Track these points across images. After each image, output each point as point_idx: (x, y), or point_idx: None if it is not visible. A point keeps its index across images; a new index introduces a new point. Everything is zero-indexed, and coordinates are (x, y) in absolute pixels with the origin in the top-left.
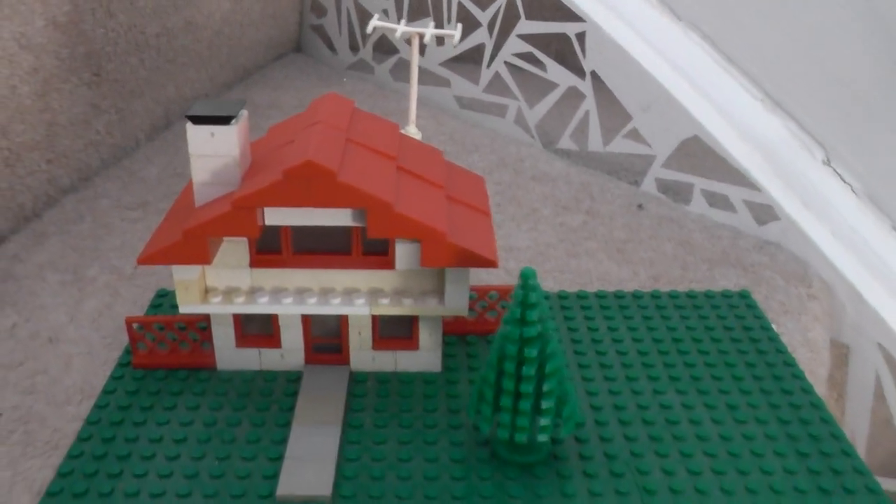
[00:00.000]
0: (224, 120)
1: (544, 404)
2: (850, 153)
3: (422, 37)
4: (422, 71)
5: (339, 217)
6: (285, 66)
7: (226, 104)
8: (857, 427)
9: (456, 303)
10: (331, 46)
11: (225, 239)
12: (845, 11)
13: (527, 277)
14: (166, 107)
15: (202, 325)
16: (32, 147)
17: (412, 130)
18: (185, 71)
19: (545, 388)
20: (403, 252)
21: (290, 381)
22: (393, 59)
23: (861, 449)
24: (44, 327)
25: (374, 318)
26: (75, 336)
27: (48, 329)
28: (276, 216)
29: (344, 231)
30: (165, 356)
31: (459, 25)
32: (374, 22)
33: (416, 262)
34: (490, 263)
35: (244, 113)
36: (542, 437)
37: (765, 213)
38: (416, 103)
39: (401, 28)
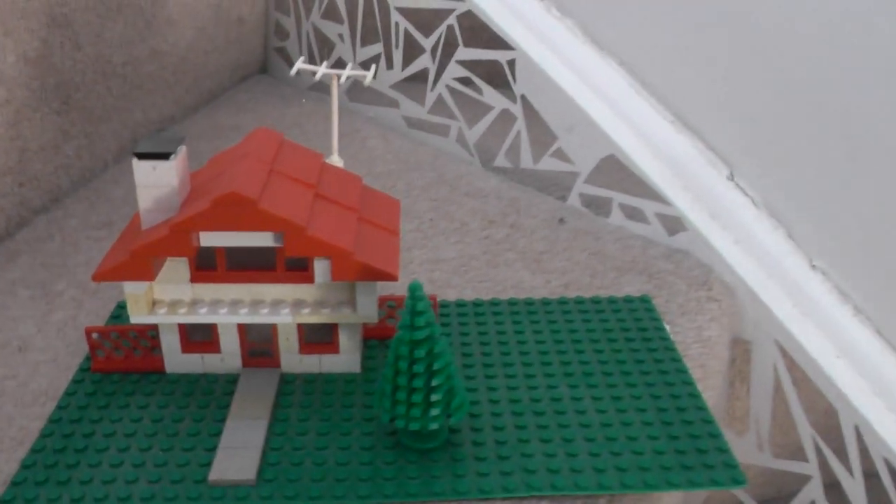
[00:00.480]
0: (164, 156)
1: (433, 397)
2: (751, 169)
3: (339, 77)
4: (375, 93)
5: (262, 239)
6: (250, 87)
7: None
8: (761, 416)
9: (366, 311)
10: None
11: (168, 258)
12: (747, 42)
13: (414, 289)
14: (133, 130)
15: (152, 333)
16: (5, 172)
17: (335, 159)
18: (152, 96)
19: (434, 382)
20: (320, 268)
21: (229, 382)
22: (349, 82)
23: (764, 435)
24: (14, 337)
25: (300, 326)
26: (43, 345)
27: (18, 339)
28: (209, 238)
29: (269, 250)
30: (121, 361)
31: (374, 67)
32: (298, 65)
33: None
34: (390, 277)
35: (182, 148)
36: (433, 426)
37: (674, 224)
38: (339, 134)
39: (321, 70)
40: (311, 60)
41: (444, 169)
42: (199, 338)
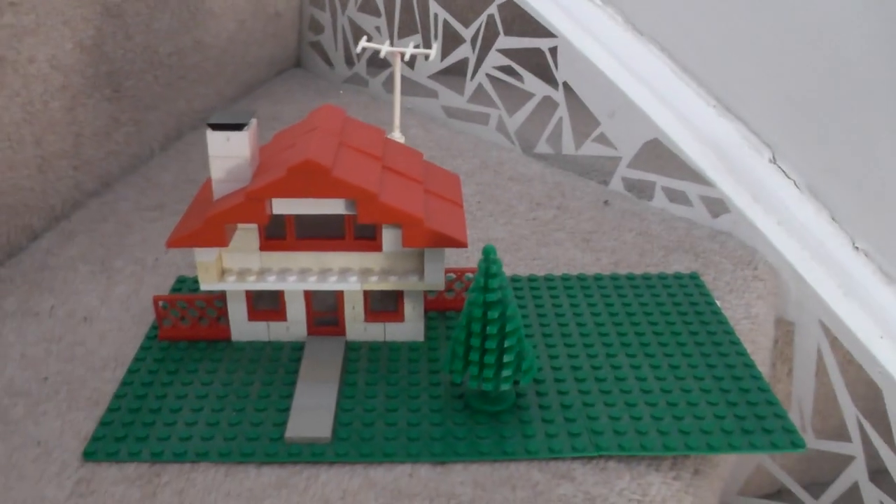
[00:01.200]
0: (238, 127)
1: (506, 358)
2: (793, 152)
3: (402, 54)
4: (412, 83)
5: (333, 206)
6: (286, 80)
7: (239, 113)
8: (803, 397)
9: (433, 279)
10: (328, 61)
11: (238, 226)
12: (788, 25)
13: (488, 253)
14: (178, 119)
15: (219, 302)
16: (61, 155)
17: (396, 135)
18: (195, 87)
19: (506, 344)
20: (389, 236)
21: (295, 350)
22: (385, 73)
23: (807, 417)
24: (79, 308)
25: (366, 294)
26: (107, 315)
27: (83, 310)
28: (281, 206)
29: (338, 219)
30: (187, 330)
31: (436, 44)
32: (363, 43)
33: (399, 245)
34: (460, 244)
35: (254, 121)
36: (506, 386)
37: (718, 206)
38: (401, 111)
39: (385, 48)
40: (347, 54)
41: (486, 155)
42: (266, 306)
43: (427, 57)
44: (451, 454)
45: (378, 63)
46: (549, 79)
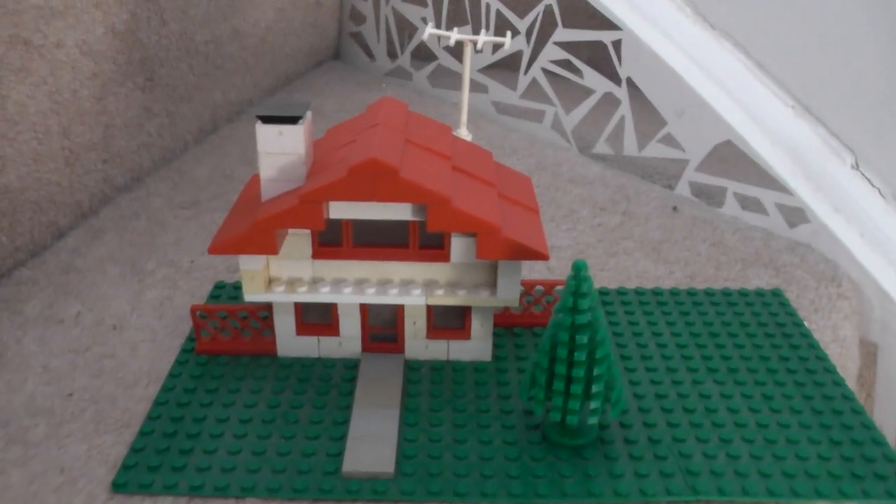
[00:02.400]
0: (292, 120)
1: (594, 388)
2: (878, 158)
3: (475, 43)
4: (459, 77)
5: (399, 211)
6: (325, 73)
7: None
8: (885, 424)
9: (508, 294)
10: (369, 53)
11: (289, 231)
12: (872, 20)
13: (579, 269)
14: (213, 111)
15: (263, 314)
16: (90, 147)
17: (463, 132)
18: (231, 77)
19: (595, 372)
20: (458, 245)
21: (348, 368)
22: (431, 66)
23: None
24: (108, 315)
25: (429, 309)
26: (139, 324)
27: (112, 317)
28: (339, 210)
29: (402, 225)
30: (228, 343)
31: (509, 33)
32: (430, 30)
33: (470, 256)
34: (541, 256)
35: (309, 114)
36: (592, 420)
37: (796, 215)
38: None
39: (454, 35)
40: (390, 46)
41: (541, 155)
42: (316, 319)
43: (504, 45)
44: (532, 495)
45: (423, 56)
46: (612, 74)
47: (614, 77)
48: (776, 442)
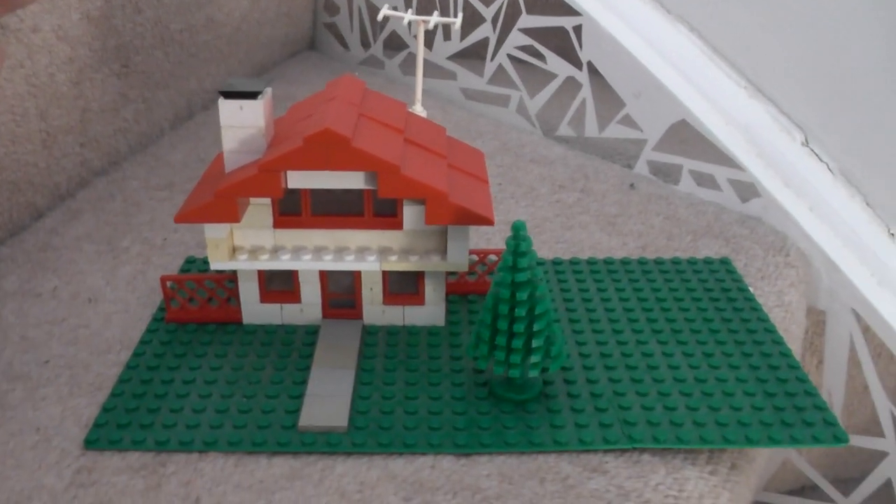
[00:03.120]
0: (251, 95)
1: (535, 342)
2: (826, 135)
3: (426, 23)
4: (430, 65)
5: (353, 180)
6: (300, 62)
7: (253, 81)
8: (834, 390)
9: (457, 258)
10: (343, 43)
11: (251, 202)
12: (820, 5)
13: (517, 229)
14: (189, 98)
15: (230, 283)
16: (67, 131)
17: (418, 108)
18: (206, 65)
19: (535, 327)
20: (410, 213)
21: (309, 334)
22: (402, 55)
23: (838, 410)
24: (83, 289)
25: (385, 275)
26: (113, 297)
27: (87, 291)
28: (297, 179)
29: (357, 194)
30: (196, 311)
31: (460, 14)
32: (385, 11)
33: (421, 223)
34: (487, 221)
35: (269, 90)
36: (534, 373)
37: (747, 190)
38: (423, 86)
39: (407, 16)
40: (363, 35)
41: (506, 137)
42: (279, 287)
43: (452, 27)
44: (476, 445)
45: (394, 45)
46: (573, 59)
47: (576, 62)
48: (712, 395)
